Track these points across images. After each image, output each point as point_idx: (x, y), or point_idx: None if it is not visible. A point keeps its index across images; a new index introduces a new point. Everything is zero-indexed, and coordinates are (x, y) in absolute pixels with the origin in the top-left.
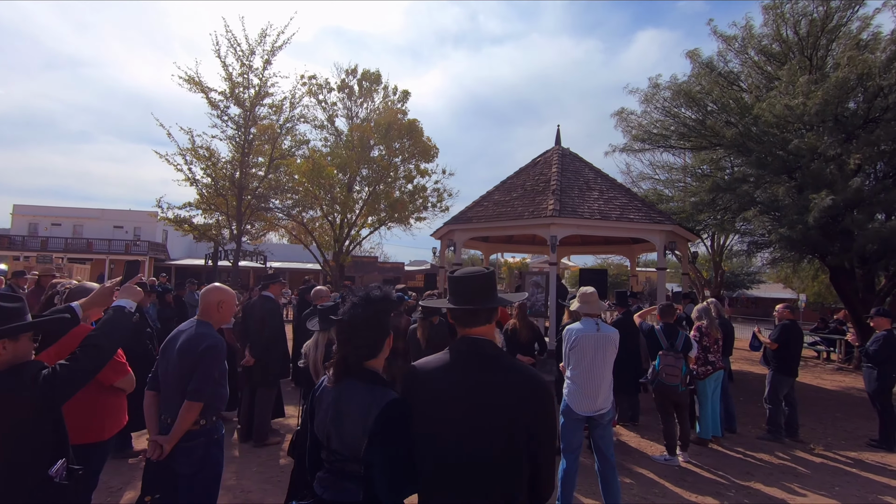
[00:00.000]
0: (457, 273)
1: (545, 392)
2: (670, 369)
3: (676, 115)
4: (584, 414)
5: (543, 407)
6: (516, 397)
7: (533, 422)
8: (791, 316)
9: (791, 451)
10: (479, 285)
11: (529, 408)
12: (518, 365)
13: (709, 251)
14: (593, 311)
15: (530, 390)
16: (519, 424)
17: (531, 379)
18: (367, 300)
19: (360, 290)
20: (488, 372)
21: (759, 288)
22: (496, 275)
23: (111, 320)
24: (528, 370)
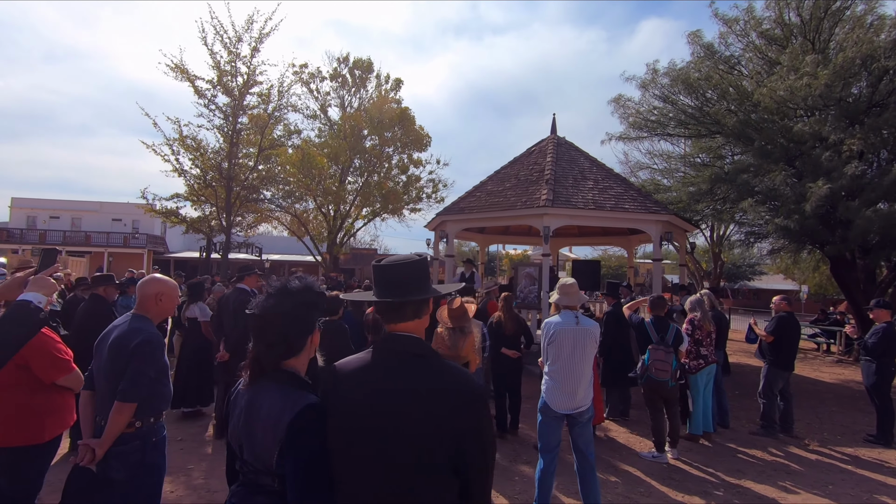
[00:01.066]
0: (382, 261)
1: (478, 400)
2: (660, 364)
3: (675, 102)
4: (562, 412)
5: (475, 417)
6: (444, 406)
7: (462, 435)
8: (788, 308)
9: (785, 447)
10: (406, 275)
11: (459, 418)
12: (450, 369)
13: (708, 242)
14: (573, 303)
15: (460, 398)
16: (446, 437)
17: (463, 385)
18: (283, 292)
19: (277, 280)
20: (413, 376)
21: (761, 279)
22: (428, 262)
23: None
24: (461, 375)
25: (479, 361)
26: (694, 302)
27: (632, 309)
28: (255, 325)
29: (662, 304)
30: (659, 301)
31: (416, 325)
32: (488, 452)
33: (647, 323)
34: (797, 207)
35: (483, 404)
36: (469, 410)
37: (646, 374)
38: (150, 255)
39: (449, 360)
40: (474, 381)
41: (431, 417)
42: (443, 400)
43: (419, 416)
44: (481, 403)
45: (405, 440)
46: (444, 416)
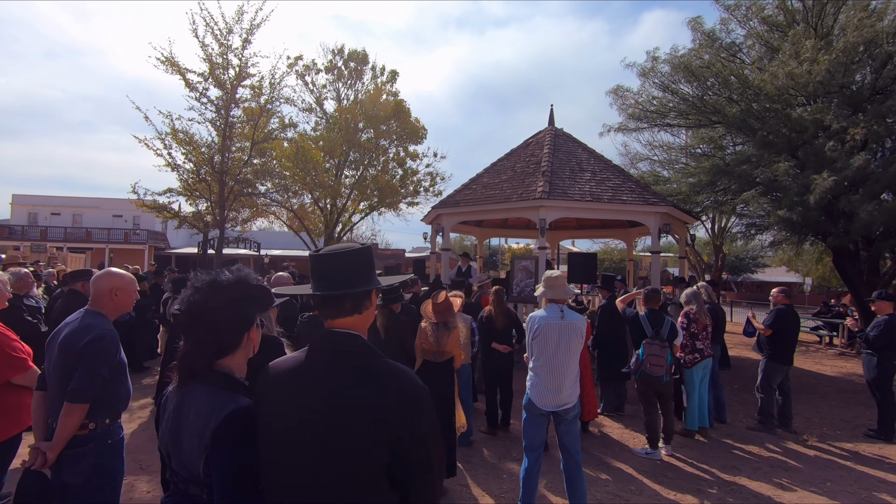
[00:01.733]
0: (320, 251)
1: (419, 404)
2: (655, 359)
3: (675, 92)
4: (546, 409)
5: (416, 423)
6: (381, 410)
7: (401, 442)
8: (786, 300)
9: (782, 443)
10: (345, 265)
11: (397, 423)
12: (390, 369)
13: (709, 234)
14: (558, 296)
15: (400, 401)
16: (382, 444)
17: (403, 387)
18: (212, 286)
19: (206, 273)
20: (348, 377)
21: (764, 272)
22: (372, 252)
23: None
24: (402, 376)
25: (465, 356)
26: (690, 295)
27: (625, 302)
28: (181, 323)
29: (657, 297)
30: (653, 294)
31: (356, 321)
32: (431, 462)
33: (641, 317)
34: (800, 199)
35: (426, 409)
36: (409, 415)
37: (640, 369)
38: (151, 250)
39: (390, 360)
40: (417, 382)
41: (367, 422)
42: (380, 403)
43: (353, 421)
44: (423, 407)
45: (338, 447)
46: (381, 421)
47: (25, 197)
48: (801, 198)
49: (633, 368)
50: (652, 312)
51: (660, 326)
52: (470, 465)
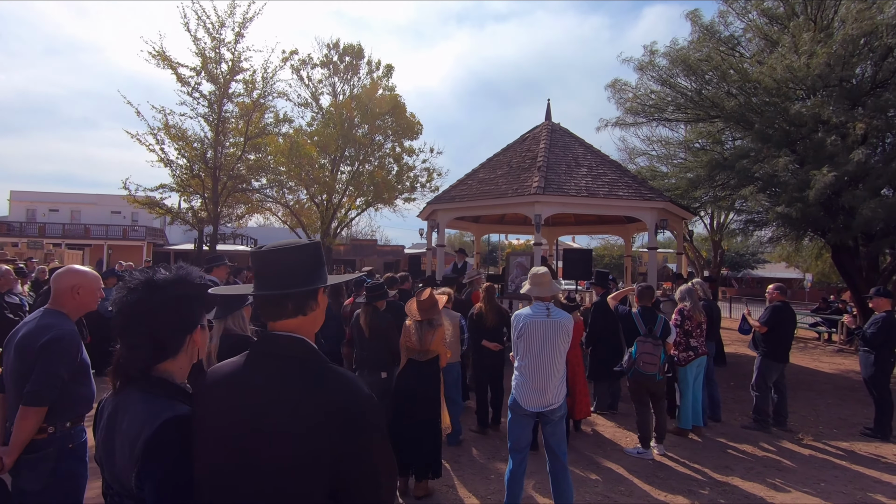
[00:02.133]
0: (261, 248)
1: (366, 416)
2: (648, 357)
3: (673, 86)
4: (531, 409)
5: (361, 438)
6: (320, 421)
7: (344, 459)
8: (782, 297)
9: (777, 442)
10: (287, 263)
11: (340, 438)
12: (335, 377)
13: (708, 230)
14: (544, 293)
15: (344, 414)
16: (323, 462)
17: (348, 398)
18: (148, 285)
19: (141, 271)
20: (288, 385)
21: (764, 268)
22: (321, 248)
23: None
24: (348, 385)
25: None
26: (684, 291)
27: (617, 299)
28: (115, 325)
29: (650, 293)
30: (646, 291)
31: (300, 324)
32: (378, 479)
33: (634, 314)
34: (799, 195)
35: (373, 420)
36: (353, 427)
37: (633, 368)
38: (149, 247)
39: (337, 367)
40: (363, 391)
41: (305, 434)
42: (320, 413)
43: (289, 432)
44: (370, 419)
45: (275, 463)
46: (321, 433)
47: (23, 193)
48: (800, 193)
49: (625, 367)
50: (645, 310)
51: (653, 324)
52: (458, 466)
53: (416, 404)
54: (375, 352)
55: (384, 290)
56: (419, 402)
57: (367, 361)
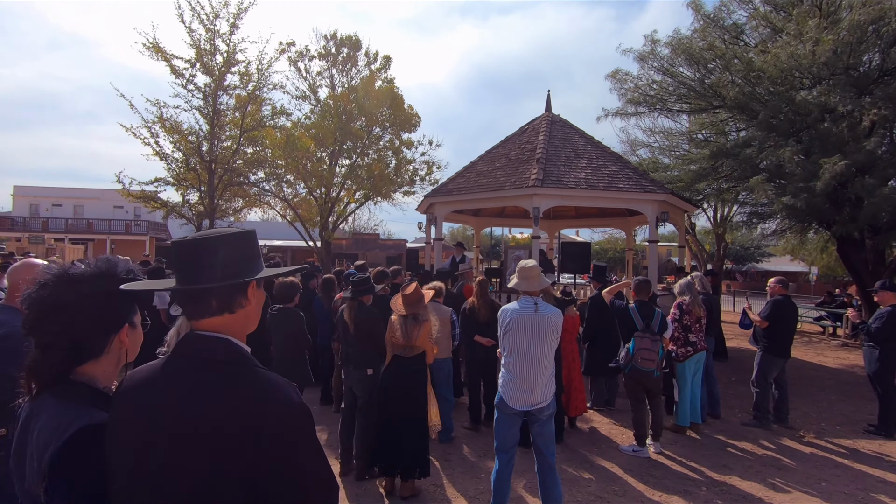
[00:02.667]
0: (185, 237)
1: (286, 429)
2: (646, 353)
3: (675, 75)
4: (519, 408)
5: (279, 452)
6: (234, 434)
7: (261, 474)
8: (784, 291)
9: (778, 440)
10: (210, 254)
11: (261, 449)
12: (260, 382)
13: (710, 222)
14: (532, 288)
15: (267, 422)
16: (235, 476)
17: (268, 407)
18: (62, 280)
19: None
20: (207, 391)
21: (769, 261)
22: (254, 238)
23: None
24: (276, 393)
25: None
26: (683, 285)
27: (612, 294)
28: (25, 322)
29: (647, 287)
30: (643, 285)
31: (227, 322)
32: (308, 498)
33: (630, 309)
34: (806, 185)
35: (300, 435)
36: (276, 442)
37: (630, 364)
38: (152, 241)
39: (265, 371)
40: (293, 400)
41: (223, 450)
42: (240, 426)
43: (207, 447)
44: (296, 433)
45: (188, 478)
46: (241, 448)
47: (27, 188)
48: (807, 183)
49: (622, 363)
50: (642, 304)
51: (650, 319)
52: (448, 464)
53: (401, 402)
54: (361, 348)
55: (370, 284)
56: (404, 400)
57: (353, 357)
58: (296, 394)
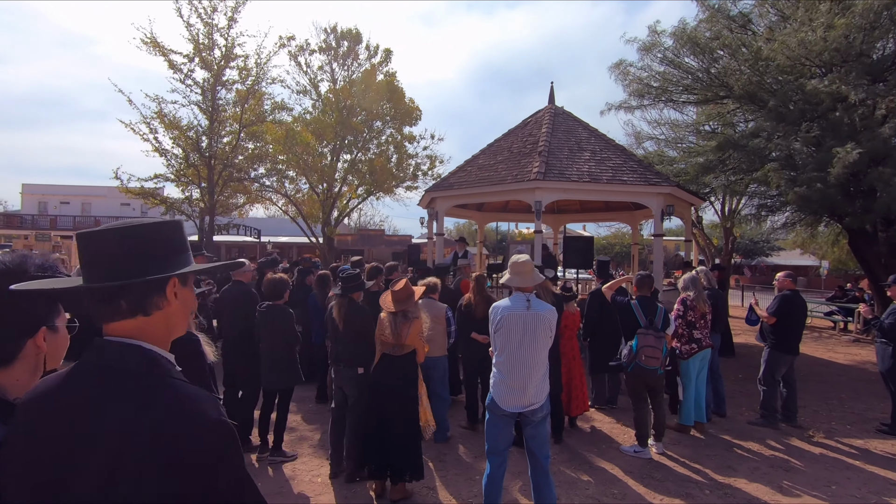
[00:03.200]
0: (94, 229)
1: (200, 449)
2: (650, 350)
3: (680, 65)
4: (510, 410)
5: (191, 475)
6: (140, 455)
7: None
8: (792, 286)
9: (786, 440)
10: (118, 248)
11: (164, 476)
12: (173, 397)
13: (718, 216)
14: (525, 283)
15: (170, 445)
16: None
17: (180, 424)
18: None
19: None
20: (107, 406)
21: (779, 255)
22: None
23: None
24: (186, 408)
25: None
26: (687, 280)
27: (612, 289)
28: None
29: (649, 283)
30: (645, 280)
31: (140, 326)
32: None
33: (633, 304)
34: (818, 175)
35: (216, 457)
36: (185, 464)
37: (633, 362)
38: None
39: (184, 385)
40: (208, 419)
41: (131, 470)
42: (147, 445)
43: (109, 468)
44: (213, 452)
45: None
46: (147, 471)
47: (35, 186)
48: (819, 173)
49: (625, 360)
50: (644, 300)
51: (653, 315)
52: (442, 465)
53: (390, 402)
54: (351, 346)
55: (360, 281)
56: (394, 400)
57: (343, 356)
58: (215, 410)
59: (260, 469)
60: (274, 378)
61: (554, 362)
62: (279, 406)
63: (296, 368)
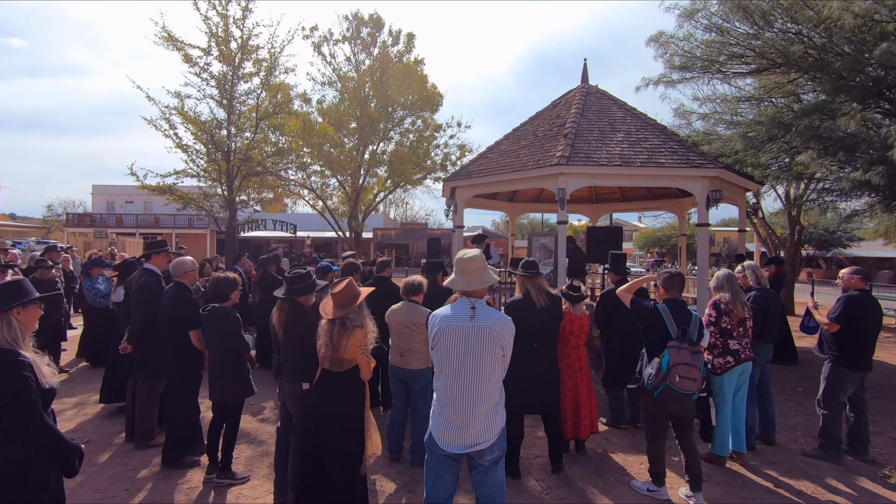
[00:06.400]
0: None
1: None
2: (686, 370)
3: (728, 32)
4: (451, 450)
5: None
6: None
7: None
8: (861, 284)
9: (852, 478)
10: None
11: None
12: None
13: (782, 202)
14: (471, 286)
15: None
16: None
17: None
18: None
19: None
20: None
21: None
22: None
23: None
24: None
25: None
26: (722, 279)
27: (631, 292)
28: None
29: (679, 282)
30: (674, 279)
31: None
32: None
33: (660, 309)
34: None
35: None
36: None
37: (663, 384)
38: (213, 234)
39: None
40: None
41: None
42: None
43: None
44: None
45: None
46: None
47: (103, 187)
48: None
49: (651, 381)
50: (674, 304)
51: (687, 324)
52: (412, 496)
53: (327, 427)
54: (292, 357)
55: (309, 281)
56: (330, 425)
57: (284, 369)
58: None
59: (204, 492)
60: (219, 390)
61: (555, 374)
62: (227, 421)
63: (244, 380)
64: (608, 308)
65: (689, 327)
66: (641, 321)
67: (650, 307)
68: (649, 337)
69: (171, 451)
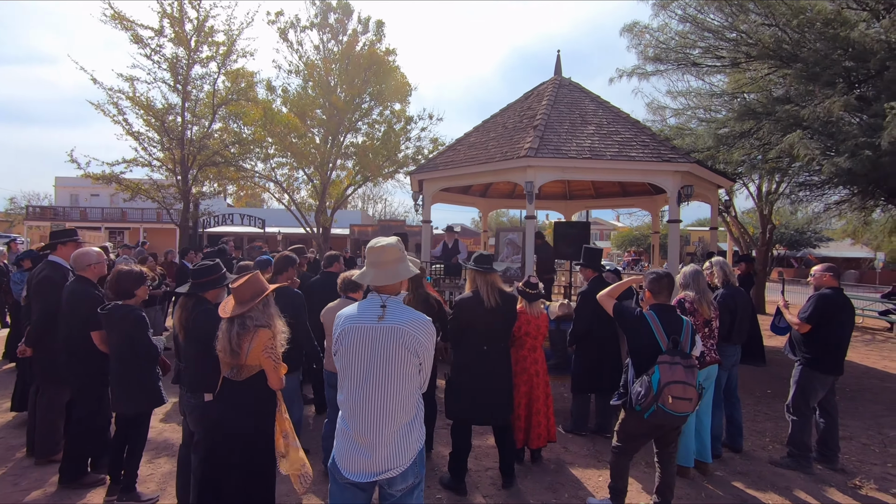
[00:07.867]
0: None
1: None
2: (680, 389)
3: (701, 22)
4: (356, 478)
5: None
6: None
7: None
8: (834, 282)
9: (821, 489)
10: None
11: None
12: None
13: (753, 199)
14: (384, 281)
15: None
16: None
17: None
18: None
19: None
20: None
21: (829, 246)
22: None
23: None
24: None
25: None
26: (688, 276)
27: (614, 296)
28: None
29: (669, 285)
30: (663, 281)
31: None
32: None
33: (647, 316)
34: (867, 141)
35: None
36: None
37: (654, 404)
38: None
39: None
40: None
41: None
42: None
43: None
44: None
45: None
46: None
47: (67, 179)
48: (868, 139)
49: (640, 400)
50: (663, 311)
51: (678, 333)
52: None
53: (227, 445)
54: (194, 363)
55: (217, 275)
56: (230, 442)
57: (185, 377)
58: None
59: None
60: (120, 399)
61: (507, 380)
62: (130, 435)
63: (150, 388)
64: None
65: (680, 337)
66: (626, 330)
67: (636, 314)
68: (636, 348)
69: (69, 468)
